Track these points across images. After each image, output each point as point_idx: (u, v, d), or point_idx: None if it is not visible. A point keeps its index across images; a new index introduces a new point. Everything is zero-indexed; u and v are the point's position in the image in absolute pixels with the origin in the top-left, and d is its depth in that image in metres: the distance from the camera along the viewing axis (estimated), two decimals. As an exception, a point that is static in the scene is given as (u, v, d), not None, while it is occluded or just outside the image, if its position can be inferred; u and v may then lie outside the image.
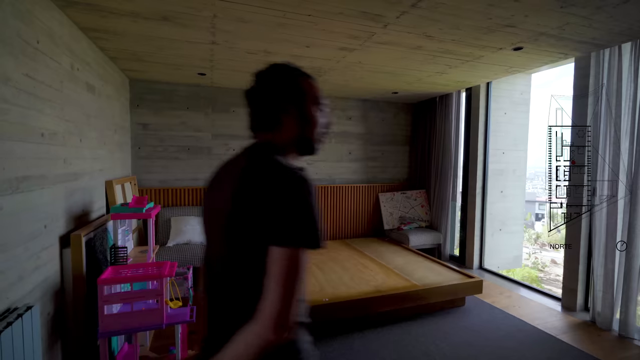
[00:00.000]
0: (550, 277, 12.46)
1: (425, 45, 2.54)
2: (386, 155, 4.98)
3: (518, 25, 2.15)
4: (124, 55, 2.86)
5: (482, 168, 4.10)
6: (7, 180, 1.48)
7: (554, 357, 2.30)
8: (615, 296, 2.67)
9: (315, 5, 1.90)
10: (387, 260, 3.62)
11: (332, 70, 3.24)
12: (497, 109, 4.07)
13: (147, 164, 3.81)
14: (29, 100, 1.67)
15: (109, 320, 1.85)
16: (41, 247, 1.77)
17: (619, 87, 2.63)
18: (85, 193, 2.40)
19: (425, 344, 2.43)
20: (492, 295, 3.32)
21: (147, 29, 2.27)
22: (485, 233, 4.14)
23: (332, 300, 2.56)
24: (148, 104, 3.77)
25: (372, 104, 4.81)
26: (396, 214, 4.76)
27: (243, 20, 2.12)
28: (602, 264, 2.75)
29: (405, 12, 1.98)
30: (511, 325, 2.73)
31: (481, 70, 3.19)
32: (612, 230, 2.69)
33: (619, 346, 2.47)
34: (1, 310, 1.42)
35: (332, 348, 2.37)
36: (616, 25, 2.16)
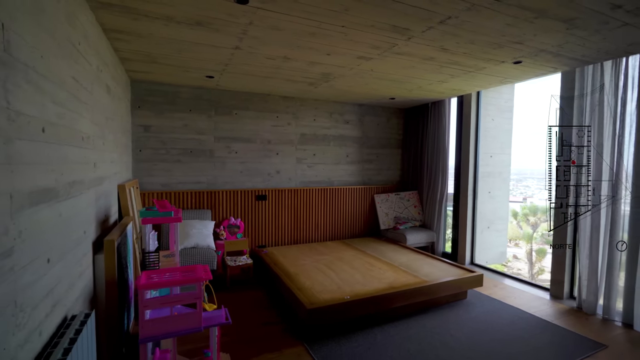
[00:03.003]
0: (512, 270, 13.42)
1: (437, 57, 2.73)
2: (381, 157, 5.18)
3: (525, 42, 2.39)
4: (138, 57, 2.81)
5: (473, 170, 4.40)
6: (64, 185, 1.45)
7: (555, 340, 2.56)
8: (599, 284, 3.01)
9: (352, 17, 2.01)
10: (391, 258, 3.79)
11: (342, 77, 3.37)
12: (486, 115, 4.39)
13: (148, 167, 3.72)
14: (75, 103, 1.64)
15: (148, 325, 1.85)
16: (82, 254, 1.74)
17: (601, 99, 2.97)
18: (107, 197, 2.34)
19: (442, 334, 2.61)
20: (488, 288, 3.59)
21: (176, 33, 2.27)
22: (476, 231, 4.44)
23: (353, 298, 2.67)
24: (150, 106, 3.69)
25: (367, 108, 4.98)
26: (391, 214, 4.97)
27: (277, 28, 2.19)
28: (587, 256, 3.08)
29: (431, 27, 2.14)
30: (512, 314, 2.99)
31: (479, 80, 3.46)
32: (596, 226, 3.03)
33: (605, 327, 2.79)
34: (60, 319, 1.39)
35: (357, 343, 2.48)
36: (605, 46, 2.47)
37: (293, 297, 2.74)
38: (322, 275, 3.20)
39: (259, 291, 3.49)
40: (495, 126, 4.47)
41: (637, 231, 2.77)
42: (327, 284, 2.96)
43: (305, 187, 4.58)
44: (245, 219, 4.20)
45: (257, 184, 4.29)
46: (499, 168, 4.57)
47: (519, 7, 1.86)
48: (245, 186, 4.22)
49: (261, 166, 4.29)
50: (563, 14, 1.94)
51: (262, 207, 4.30)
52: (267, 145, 4.31)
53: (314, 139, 4.62)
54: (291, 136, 4.46)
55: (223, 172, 4.08)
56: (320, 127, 4.65)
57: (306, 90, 3.99)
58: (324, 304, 2.55)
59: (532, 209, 17.62)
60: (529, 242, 14.27)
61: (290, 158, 4.48)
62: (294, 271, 3.28)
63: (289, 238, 4.51)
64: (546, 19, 2.01)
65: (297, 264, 3.51)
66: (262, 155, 4.28)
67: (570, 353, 2.37)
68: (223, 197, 4.05)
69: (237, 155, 4.13)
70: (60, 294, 1.39)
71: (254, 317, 2.90)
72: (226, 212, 4.08)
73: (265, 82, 3.62)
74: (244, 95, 4.12)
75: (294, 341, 2.50)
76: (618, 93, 2.87)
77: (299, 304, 2.60)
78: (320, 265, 3.51)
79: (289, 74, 3.26)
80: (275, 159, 4.37)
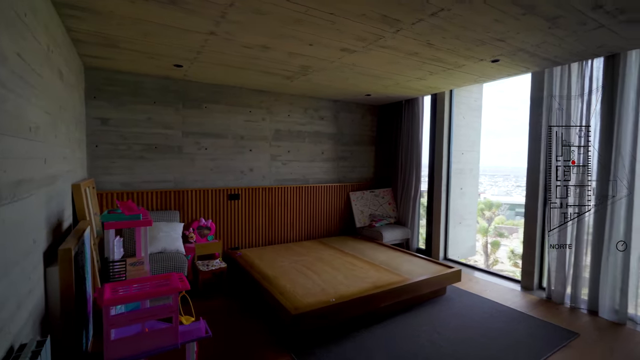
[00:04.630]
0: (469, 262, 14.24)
1: (421, 52, 2.70)
2: (355, 155, 5.13)
3: (507, 40, 2.42)
4: (94, 39, 2.47)
5: (447, 167, 4.48)
6: (8, 185, 1.18)
7: (532, 331, 2.64)
8: (566, 274, 3.17)
9: (343, 4, 1.89)
10: (370, 256, 3.74)
11: (322, 70, 3.24)
12: (458, 113, 4.49)
13: (106, 165, 3.34)
14: (21, 86, 1.35)
15: (115, 346, 1.61)
16: (32, 267, 1.46)
17: (567, 98, 3.12)
18: (60, 199, 2.03)
19: (428, 332, 2.59)
20: (464, 282, 3.66)
21: (143, 12, 2.01)
22: (449, 227, 4.54)
23: (338, 300, 2.56)
24: (108, 96, 3.31)
25: (342, 104, 4.90)
26: (367, 212, 4.94)
27: (260, 12, 2.00)
28: (556, 248, 3.23)
29: (422, 20, 2.08)
30: (490, 307, 3.06)
31: (455, 78, 3.50)
32: (563, 217, 3.18)
33: (574, 316, 2.93)
34: (4, 351, 1.13)
35: (346, 348, 2.38)
36: (577, 47, 2.57)
37: (275, 302, 2.58)
38: (303, 277, 3.06)
39: (235, 297, 3.28)
40: (466, 124, 4.59)
41: (600, 225, 2.94)
42: (309, 287, 2.83)
43: (280, 186, 4.40)
44: (217, 219, 3.94)
45: (229, 183, 4.03)
46: (469, 165, 4.71)
47: (510, 2, 1.85)
48: (217, 185, 3.95)
49: (233, 163, 4.05)
50: (549, 11, 1.96)
51: (234, 207, 4.05)
52: (239, 141, 4.07)
53: (289, 135, 4.45)
54: (265, 132, 4.25)
55: (192, 169, 3.78)
56: (295, 123, 4.49)
57: (282, 84, 3.81)
58: (309, 308, 2.42)
59: (487, 204, 18.72)
60: (485, 235, 15.14)
61: (264, 155, 4.27)
62: (273, 274, 3.11)
63: (264, 239, 4.31)
64: (532, 16, 2.03)
65: (275, 266, 3.34)
66: (234, 152, 4.04)
67: (548, 343, 2.45)
68: (192, 196, 3.76)
69: (207, 151, 3.85)
70: (3, 319, 1.13)
71: (231, 326, 2.69)
72: (196, 213, 3.79)
73: (239, 74, 3.39)
74: (214, 87, 3.84)
75: (279, 351, 2.34)
76: (583, 94, 3.03)
77: (283, 309, 2.44)
78: (300, 266, 3.37)
79: (266, 65, 3.07)
80: (248, 155, 4.14)
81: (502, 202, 22.54)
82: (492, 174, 36.60)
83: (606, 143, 2.88)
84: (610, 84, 2.84)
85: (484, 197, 21.57)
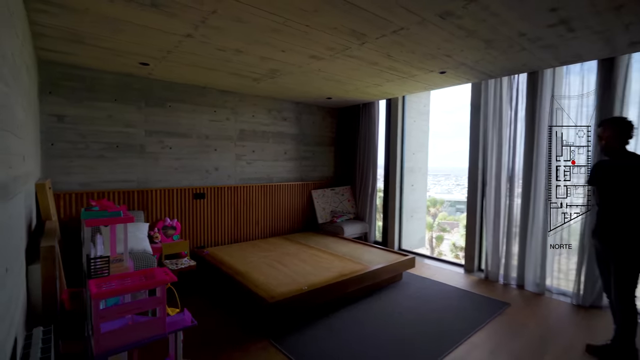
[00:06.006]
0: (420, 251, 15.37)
1: (381, 62, 3.02)
2: (316, 155, 5.38)
3: (453, 56, 2.83)
4: (59, 34, 2.40)
5: (400, 166, 4.92)
6: (13, 180, 1.22)
7: (474, 305, 3.10)
8: (500, 256, 3.72)
9: (319, 18, 2.11)
10: (333, 249, 4.01)
11: (289, 74, 3.42)
12: (409, 117, 4.96)
13: (63, 164, 3.18)
14: (12, 82, 1.37)
15: (105, 338, 1.67)
16: (20, 264, 1.46)
17: (500, 106, 3.68)
18: (29, 198, 1.97)
19: (390, 312, 2.91)
20: (417, 269, 4.08)
21: (121, 12, 2.03)
22: (402, 220, 4.99)
23: (310, 288, 2.78)
24: (64, 92, 3.16)
25: (304, 106, 5.12)
26: (328, 209, 5.21)
27: (241, 21, 2.14)
28: (491, 234, 3.77)
29: (384, 35, 2.38)
30: (440, 288, 3.49)
31: (408, 85, 3.90)
32: (497, 209, 3.74)
33: (506, 290, 3.47)
34: (12, 340, 1.17)
35: (318, 330, 2.60)
36: (507, 64, 3.08)
37: (251, 293, 2.71)
38: (274, 270, 3.22)
39: (206, 294, 3.32)
40: (417, 127, 5.07)
41: (525, 216, 3.51)
42: (281, 278, 3.01)
43: (245, 184, 4.49)
44: (183, 219, 3.92)
45: (194, 182, 4.03)
46: (419, 164, 5.21)
47: (457, 26, 2.22)
48: (181, 184, 3.93)
49: (198, 163, 4.06)
50: (486, 35, 2.38)
51: (200, 206, 4.06)
52: (204, 140, 4.08)
53: (253, 135, 4.55)
54: (230, 132, 4.31)
55: (156, 169, 3.73)
56: (260, 123, 4.61)
57: (248, 85, 3.92)
58: (283, 296, 2.60)
59: (432, 201, 20.19)
60: (430, 231, 16.36)
61: (230, 154, 4.33)
62: (244, 269, 3.23)
63: (230, 237, 4.36)
64: (473, 39, 2.43)
65: (246, 262, 3.45)
66: (199, 152, 4.05)
67: (487, 312, 2.91)
68: (157, 196, 3.71)
69: (171, 151, 3.82)
70: (12, 313, 1.17)
71: (208, 320, 2.77)
72: (161, 212, 3.75)
73: (207, 74, 3.45)
74: (179, 86, 3.83)
75: (258, 337, 2.49)
76: (512, 102, 3.59)
77: (259, 299, 2.59)
78: (269, 260, 3.52)
79: (236, 67, 3.18)
80: (213, 155, 4.18)
81: (444, 199, 24.45)
82: (435, 174, 39.38)
83: (529, 144, 3.46)
84: (532, 95, 3.42)
85: (429, 195, 23.23)
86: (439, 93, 15.56)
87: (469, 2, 1.89)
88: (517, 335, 2.55)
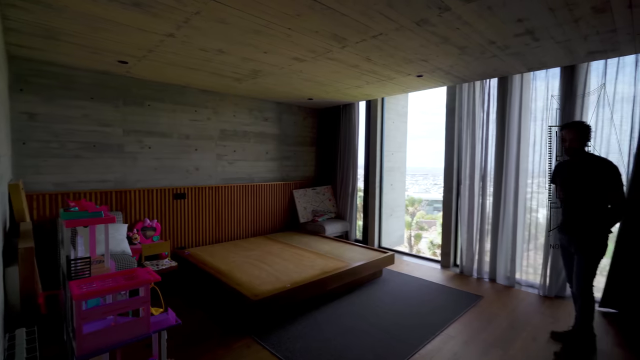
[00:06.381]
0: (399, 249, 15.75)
1: (361, 65, 3.11)
2: (298, 155, 5.42)
3: (429, 60, 2.96)
4: (33, 30, 2.33)
5: (379, 166, 5.05)
6: (4, 180, 1.20)
7: (450, 297, 3.25)
8: (473, 252, 3.91)
9: (301, 22, 2.16)
10: (316, 247, 4.08)
11: (271, 75, 3.46)
12: (388, 118, 5.10)
13: (36, 164, 3.08)
14: (-9, 82, 1.34)
15: (88, 339, 1.66)
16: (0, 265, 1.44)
17: (473, 108, 3.86)
18: (4, 199, 1.92)
19: (371, 307, 3.01)
20: (397, 265, 4.22)
21: (102, 10, 2.01)
22: (382, 218, 5.12)
23: (293, 286, 2.83)
24: (37, 90, 3.05)
25: (285, 107, 5.16)
26: (309, 208, 5.27)
27: (224, 22, 2.17)
28: (466, 231, 3.96)
29: (364, 40, 2.47)
30: (418, 283, 3.63)
31: (387, 88, 4.03)
32: (471, 207, 3.92)
33: (479, 284, 3.66)
34: (-5, 341, 1.16)
35: (300, 326, 2.66)
36: (480, 69, 3.24)
37: (234, 292, 2.74)
38: (256, 269, 3.25)
39: (187, 294, 3.31)
40: (396, 128, 5.22)
41: (496, 214, 3.71)
42: (264, 277, 3.04)
43: (226, 184, 4.48)
44: (163, 219, 3.87)
45: (174, 182, 3.99)
46: (398, 164, 5.36)
47: (432, 33, 2.34)
48: (161, 184, 3.88)
49: (179, 162, 4.01)
50: (460, 42, 2.51)
51: (181, 207, 4.02)
52: (185, 140, 4.05)
53: (234, 135, 4.55)
54: (211, 132, 4.29)
55: (134, 169, 3.66)
56: (241, 123, 4.61)
57: (229, 85, 3.92)
58: (267, 294, 2.64)
59: (410, 200, 20.65)
60: (409, 229, 16.75)
61: (210, 154, 4.31)
62: (227, 269, 3.24)
63: (211, 237, 4.34)
64: (448, 45, 2.57)
65: (228, 262, 3.46)
66: (179, 151, 4.01)
67: (461, 304, 3.06)
68: (135, 197, 3.65)
69: (151, 150, 3.76)
70: None
71: (190, 320, 2.76)
72: (140, 213, 3.68)
73: (187, 74, 3.42)
74: (158, 85, 3.78)
75: (241, 335, 2.52)
76: (484, 105, 3.79)
77: (243, 297, 2.62)
78: (252, 260, 3.54)
79: (218, 67, 3.18)
80: (194, 155, 4.14)
81: (422, 198, 25.03)
82: (413, 174, 40.31)
83: (500, 145, 3.66)
84: (502, 98, 3.62)
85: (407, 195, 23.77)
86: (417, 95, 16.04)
87: (443, 11, 2.01)
88: (489, 325, 2.70)
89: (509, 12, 2.03)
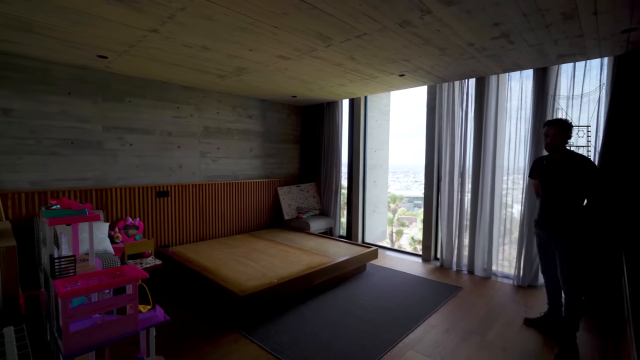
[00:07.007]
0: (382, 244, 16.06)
1: (345, 64, 3.16)
2: (282, 152, 5.44)
3: (411, 60, 3.05)
4: (6, 22, 2.24)
5: (363, 163, 5.15)
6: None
7: (431, 289, 3.38)
8: (453, 246, 4.07)
9: (287, 21, 2.19)
10: (300, 244, 4.12)
11: (256, 72, 3.46)
12: (371, 116, 5.19)
13: (9, 161, 2.96)
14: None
15: (74, 338, 1.65)
16: (-19, 264, 1.40)
17: (452, 107, 4.00)
18: (-19, 197, 1.86)
19: (356, 301, 3.09)
20: (380, 260, 4.33)
21: (83, 4, 1.97)
22: (365, 215, 5.22)
23: (280, 281, 2.87)
24: (9, 84, 2.94)
25: (269, 104, 5.16)
26: (294, 205, 5.31)
27: (210, 19, 2.17)
28: (446, 226, 4.10)
29: (349, 39, 2.52)
30: (400, 276, 3.74)
31: (370, 86, 4.11)
32: (450, 203, 4.07)
33: (458, 276, 3.81)
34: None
35: (287, 320, 2.70)
36: (459, 70, 3.37)
37: (221, 289, 2.75)
38: (242, 265, 3.27)
39: (173, 292, 3.28)
40: (378, 126, 5.33)
41: (474, 209, 3.87)
42: (250, 273, 3.06)
43: (210, 182, 4.44)
44: (145, 218, 3.81)
45: (157, 180, 3.93)
46: (380, 161, 5.47)
47: (414, 34, 2.42)
48: (143, 182, 3.81)
49: (161, 160, 3.95)
50: (440, 44, 2.61)
51: (164, 204, 3.97)
52: (167, 137, 3.99)
53: (218, 132, 4.51)
54: (194, 129, 4.24)
55: (115, 166, 3.58)
56: (224, 120, 4.58)
57: (213, 82, 3.89)
58: (254, 290, 2.66)
59: (392, 197, 21.00)
60: (390, 225, 17.06)
61: (194, 152, 4.27)
62: (213, 266, 3.23)
63: (195, 235, 4.31)
64: (429, 46, 2.66)
65: (213, 259, 3.45)
66: (162, 149, 3.94)
67: (442, 295, 3.19)
68: (116, 195, 3.57)
69: (132, 147, 3.68)
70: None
71: (177, 317, 2.75)
72: (121, 211, 3.61)
73: (171, 70, 3.38)
74: (139, 81, 3.70)
75: (229, 331, 2.54)
76: (462, 104, 3.93)
77: (230, 294, 2.63)
78: (237, 257, 3.55)
79: (201, 64, 3.16)
80: (177, 152, 4.09)
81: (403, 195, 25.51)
82: (394, 171, 40.92)
83: (477, 143, 3.81)
84: (480, 98, 3.77)
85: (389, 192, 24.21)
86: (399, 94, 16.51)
87: (425, 13, 2.09)
88: (468, 314, 2.84)
89: (487, 16, 2.13)
